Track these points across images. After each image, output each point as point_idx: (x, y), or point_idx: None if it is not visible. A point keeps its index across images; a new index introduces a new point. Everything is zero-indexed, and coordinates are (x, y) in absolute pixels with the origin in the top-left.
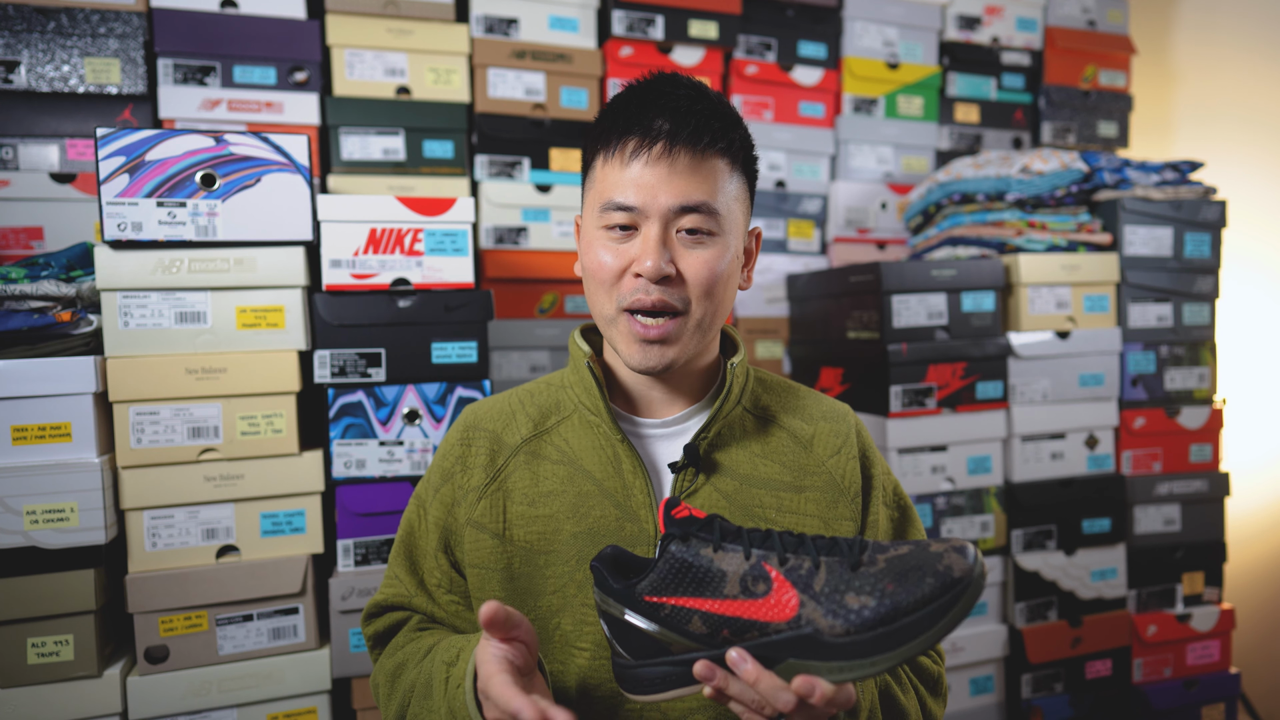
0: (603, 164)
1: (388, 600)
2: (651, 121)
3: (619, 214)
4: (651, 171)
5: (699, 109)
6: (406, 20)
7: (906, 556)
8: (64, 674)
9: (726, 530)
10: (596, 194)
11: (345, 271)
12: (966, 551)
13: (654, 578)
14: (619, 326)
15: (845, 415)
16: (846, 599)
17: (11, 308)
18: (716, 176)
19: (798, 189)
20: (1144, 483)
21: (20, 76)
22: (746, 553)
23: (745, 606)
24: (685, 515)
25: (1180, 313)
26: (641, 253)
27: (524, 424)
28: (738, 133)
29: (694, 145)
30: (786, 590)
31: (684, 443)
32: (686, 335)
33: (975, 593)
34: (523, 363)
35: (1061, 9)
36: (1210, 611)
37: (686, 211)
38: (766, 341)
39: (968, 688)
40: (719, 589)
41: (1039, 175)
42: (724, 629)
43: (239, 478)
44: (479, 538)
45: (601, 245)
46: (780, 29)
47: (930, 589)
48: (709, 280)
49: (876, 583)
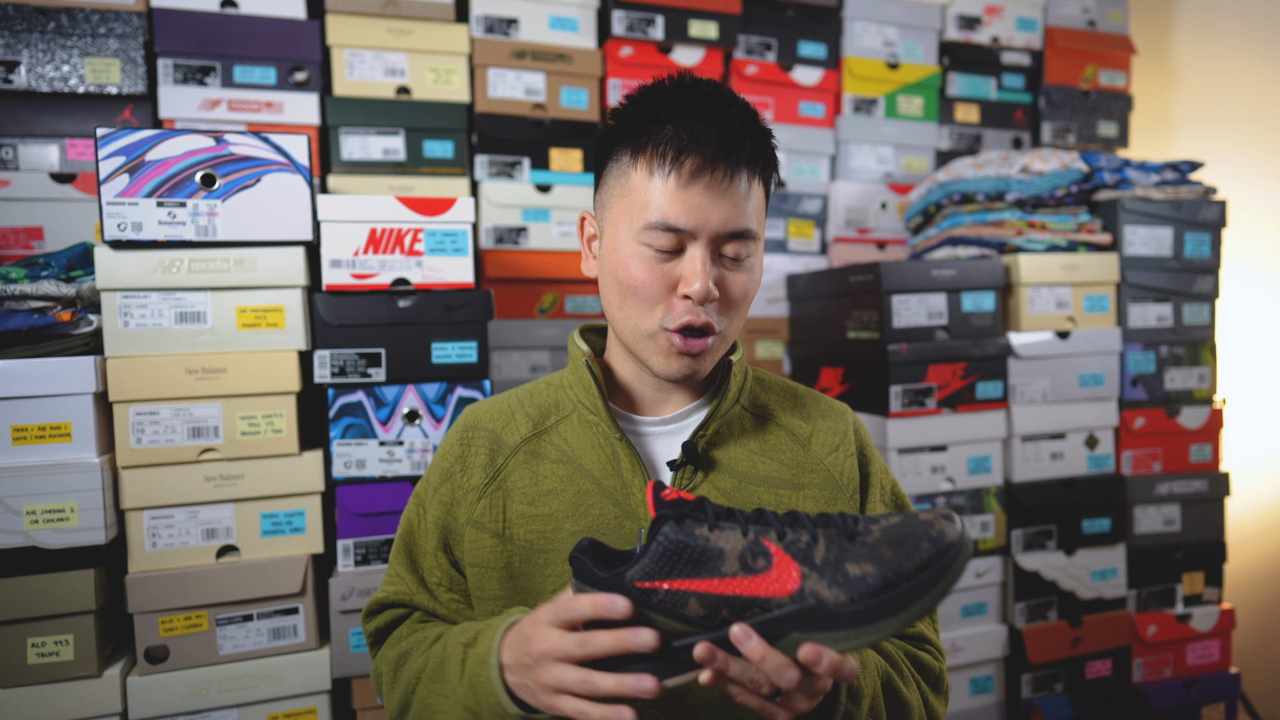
0: (648, 175)
1: (389, 598)
2: (710, 140)
3: (668, 235)
4: (709, 195)
5: (750, 130)
6: (406, 20)
7: (900, 525)
8: (64, 674)
9: (719, 510)
10: (638, 206)
11: (345, 271)
12: (954, 519)
13: (646, 562)
14: (659, 341)
15: (843, 414)
16: (847, 568)
17: (11, 308)
18: (755, 198)
19: (798, 189)
20: (1144, 483)
21: (20, 76)
22: (744, 530)
23: (746, 584)
24: (675, 498)
25: (1180, 313)
26: (689, 275)
27: (523, 424)
28: (773, 151)
29: (748, 170)
30: (787, 564)
31: (682, 440)
32: (718, 349)
33: (966, 556)
34: (523, 363)
35: (1061, 9)
36: (1210, 611)
37: (733, 238)
38: (766, 341)
39: (968, 688)
40: (717, 568)
41: (1039, 175)
42: (723, 609)
43: (239, 478)
44: (479, 537)
45: (641, 261)
46: (780, 29)
47: (927, 553)
48: (743, 300)
49: (875, 551)
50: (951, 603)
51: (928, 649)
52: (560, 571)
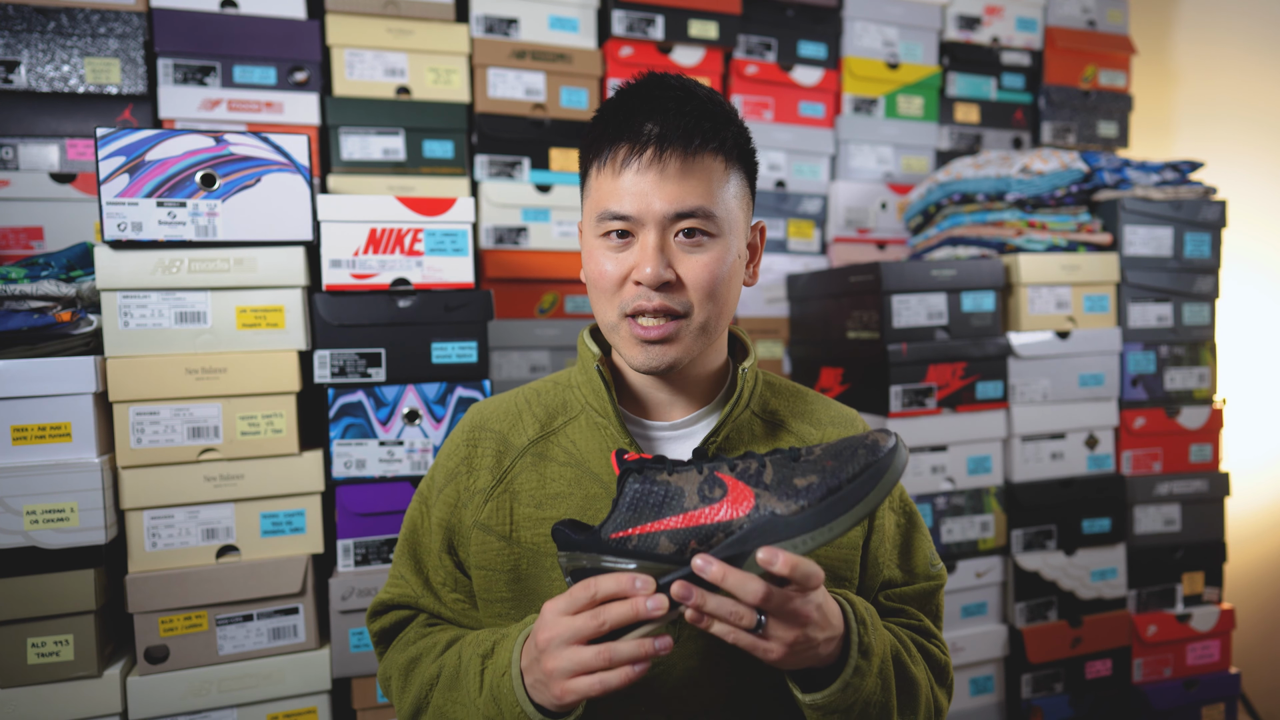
0: (596, 173)
1: (394, 599)
2: (640, 127)
3: (615, 223)
4: (643, 179)
5: (688, 109)
6: (406, 20)
7: (838, 442)
8: (64, 674)
9: (676, 461)
10: (593, 204)
11: (345, 271)
12: (887, 431)
13: (616, 515)
14: (621, 332)
15: (853, 420)
16: (795, 482)
17: (11, 308)
18: (711, 177)
19: (798, 189)
20: (1144, 483)
21: (20, 76)
22: (699, 468)
23: (706, 513)
24: (636, 458)
25: (1180, 313)
26: (640, 260)
27: (530, 425)
28: (730, 129)
29: (685, 148)
30: (740, 488)
31: (693, 446)
32: (689, 337)
33: (903, 459)
34: (523, 363)
35: (1061, 9)
36: (1210, 611)
37: (682, 217)
38: (766, 341)
39: (968, 688)
40: (680, 504)
41: (1039, 175)
42: (690, 540)
43: (239, 478)
44: (485, 540)
45: (601, 254)
46: (780, 29)
47: (864, 459)
48: (710, 283)
49: (818, 464)
50: (952, 603)
51: (935, 643)
52: None
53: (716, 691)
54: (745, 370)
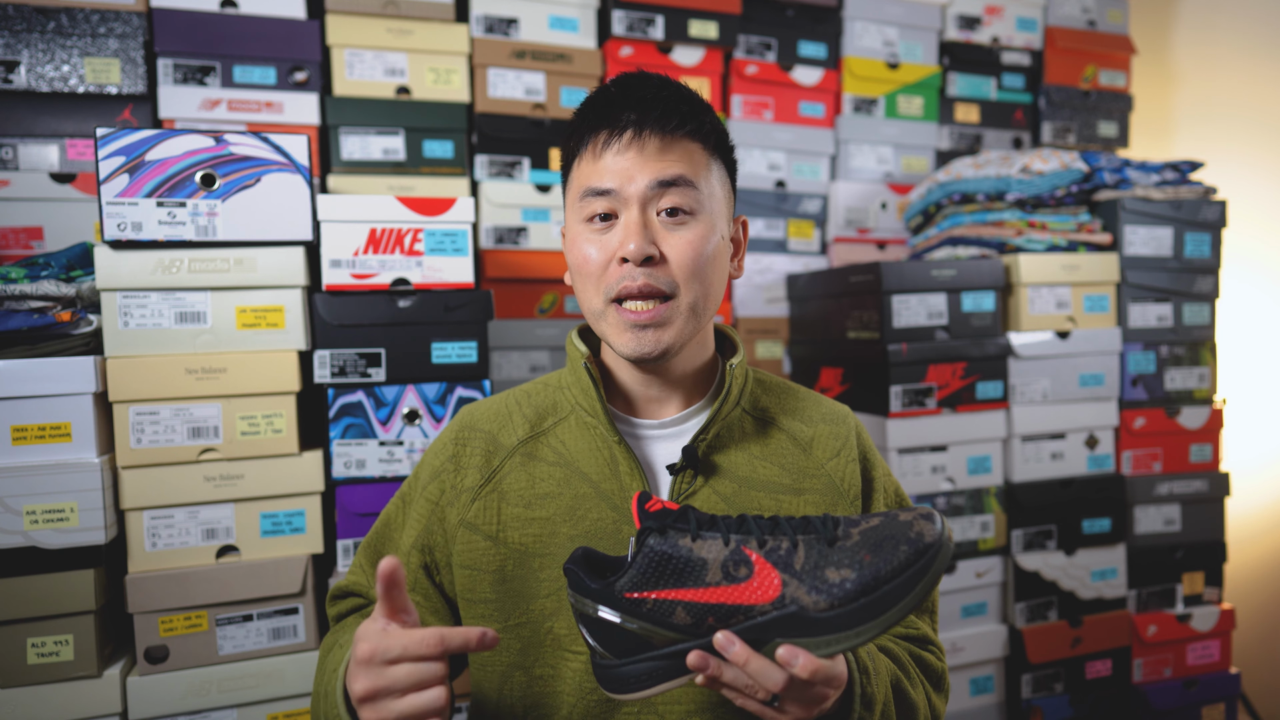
0: (578, 165)
1: (349, 586)
2: (619, 115)
3: (598, 200)
4: (623, 158)
5: (665, 95)
6: (406, 20)
7: (879, 527)
8: (64, 674)
9: (701, 519)
10: (575, 190)
11: (345, 271)
12: (934, 518)
13: (634, 573)
14: (608, 318)
15: (845, 418)
16: (827, 574)
17: (11, 308)
18: (691, 157)
19: (798, 189)
20: (1144, 483)
21: (20, 76)
22: (725, 539)
23: (729, 592)
24: (659, 509)
25: (1180, 313)
26: (624, 237)
27: (520, 425)
28: (709, 118)
29: (662, 128)
30: (768, 571)
31: (682, 444)
32: (680, 320)
33: (946, 556)
34: (523, 363)
35: (1061, 9)
36: (1210, 611)
37: (664, 187)
38: (766, 341)
39: (968, 688)
40: (701, 577)
41: (1039, 175)
42: (709, 617)
43: (239, 478)
44: (471, 539)
45: (584, 240)
46: (780, 29)
47: (905, 556)
48: (694, 260)
49: (854, 555)
50: (951, 603)
51: (931, 649)
52: (555, 576)
53: (708, 695)
54: (734, 366)
